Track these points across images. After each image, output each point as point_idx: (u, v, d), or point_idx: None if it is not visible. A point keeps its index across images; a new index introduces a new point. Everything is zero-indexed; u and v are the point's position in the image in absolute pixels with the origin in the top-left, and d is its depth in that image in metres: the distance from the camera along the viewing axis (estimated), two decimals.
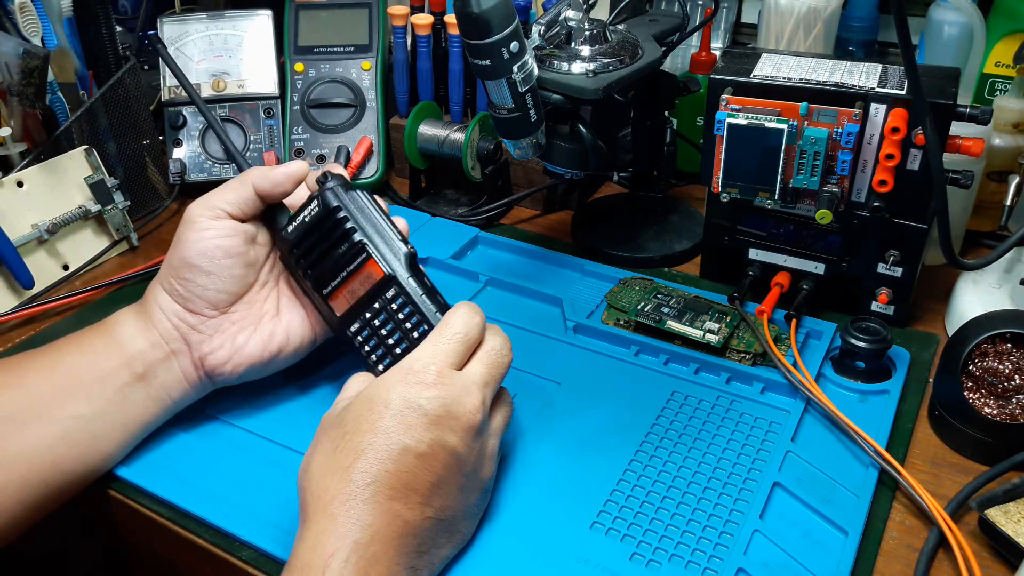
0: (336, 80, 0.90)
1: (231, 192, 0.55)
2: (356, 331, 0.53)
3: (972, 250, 0.77)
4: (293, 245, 0.55)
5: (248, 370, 0.56)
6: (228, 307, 0.56)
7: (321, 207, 0.54)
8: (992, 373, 0.55)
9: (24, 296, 0.73)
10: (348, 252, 0.53)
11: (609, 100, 0.64)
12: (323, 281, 0.54)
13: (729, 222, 0.69)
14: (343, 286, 0.54)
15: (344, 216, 0.53)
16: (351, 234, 0.53)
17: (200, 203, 0.55)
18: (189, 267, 0.54)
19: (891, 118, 0.58)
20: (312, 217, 0.54)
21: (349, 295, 0.54)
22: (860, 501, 0.51)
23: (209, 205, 0.55)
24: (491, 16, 0.55)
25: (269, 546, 0.49)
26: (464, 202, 0.87)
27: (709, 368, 0.62)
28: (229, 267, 0.55)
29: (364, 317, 0.53)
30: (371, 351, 0.53)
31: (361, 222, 0.53)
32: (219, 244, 0.54)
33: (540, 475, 0.54)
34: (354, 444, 0.44)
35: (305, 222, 0.54)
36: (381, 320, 0.53)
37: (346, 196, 0.54)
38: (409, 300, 0.52)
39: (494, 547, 0.49)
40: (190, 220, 0.55)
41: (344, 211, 0.54)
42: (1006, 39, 0.78)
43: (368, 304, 0.53)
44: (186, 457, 0.56)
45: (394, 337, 0.52)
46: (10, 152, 0.77)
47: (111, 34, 0.83)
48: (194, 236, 0.54)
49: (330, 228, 0.54)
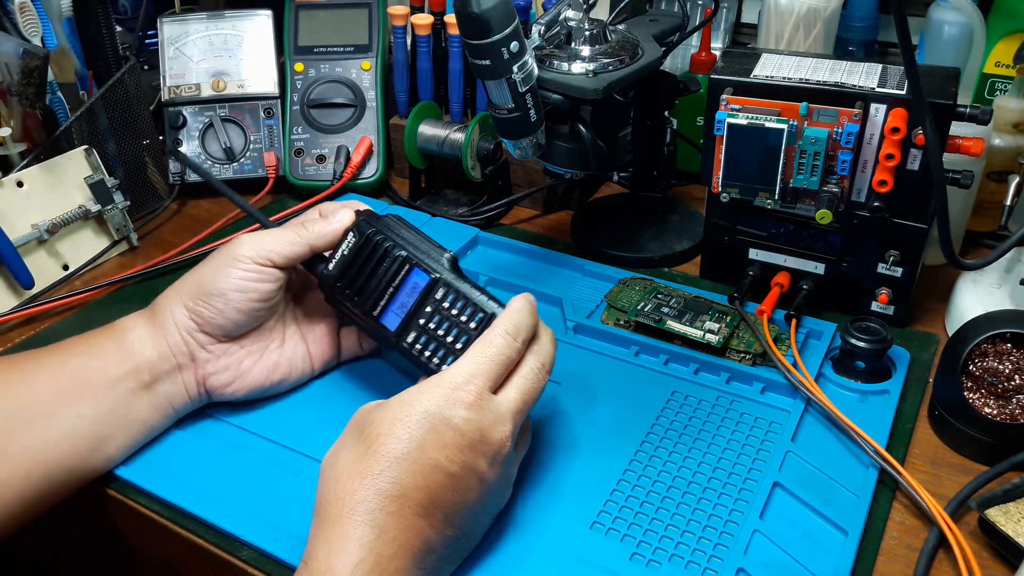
0: (336, 80, 0.90)
1: (288, 246, 0.55)
2: (413, 341, 0.54)
3: (972, 250, 0.77)
4: (336, 280, 0.56)
5: (248, 394, 0.58)
6: (241, 337, 0.57)
7: (357, 236, 0.55)
8: (992, 373, 0.55)
9: (24, 296, 0.73)
10: (391, 269, 0.54)
11: (609, 100, 0.64)
12: (372, 303, 0.55)
13: (729, 222, 0.69)
14: (392, 302, 0.54)
15: (381, 237, 0.55)
16: (392, 251, 0.54)
17: (253, 243, 0.55)
18: (221, 298, 0.54)
19: (891, 118, 0.58)
20: (351, 249, 0.55)
21: (399, 309, 0.54)
22: (860, 501, 0.51)
23: (263, 251, 0.55)
24: (491, 16, 0.55)
25: (269, 546, 0.49)
26: (464, 202, 0.87)
27: (709, 368, 0.62)
28: (257, 309, 0.56)
29: (419, 324, 0.53)
30: (431, 355, 0.53)
31: (397, 238, 0.55)
32: (257, 288, 0.55)
33: (540, 475, 0.54)
34: (386, 451, 0.44)
35: (345, 256, 0.55)
36: (436, 322, 0.53)
37: (377, 221, 0.56)
38: (459, 295, 0.53)
39: (494, 547, 0.49)
40: (237, 257, 0.54)
41: (380, 233, 0.55)
42: (1006, 39, 0.78)
43: (420, 311, 0.53)
44: (185, 457, 0.56)
45: (452, 334, 0.53)
46: (10, 152, 0.77)
47: (111, 34, 0.83)
48: (236, 274, 0.54)
49: (370, 252, 0.55)
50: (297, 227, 0.56)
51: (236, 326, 0.56)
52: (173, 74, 0.90)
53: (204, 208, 0.89)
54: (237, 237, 0.56)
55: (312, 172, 0.88)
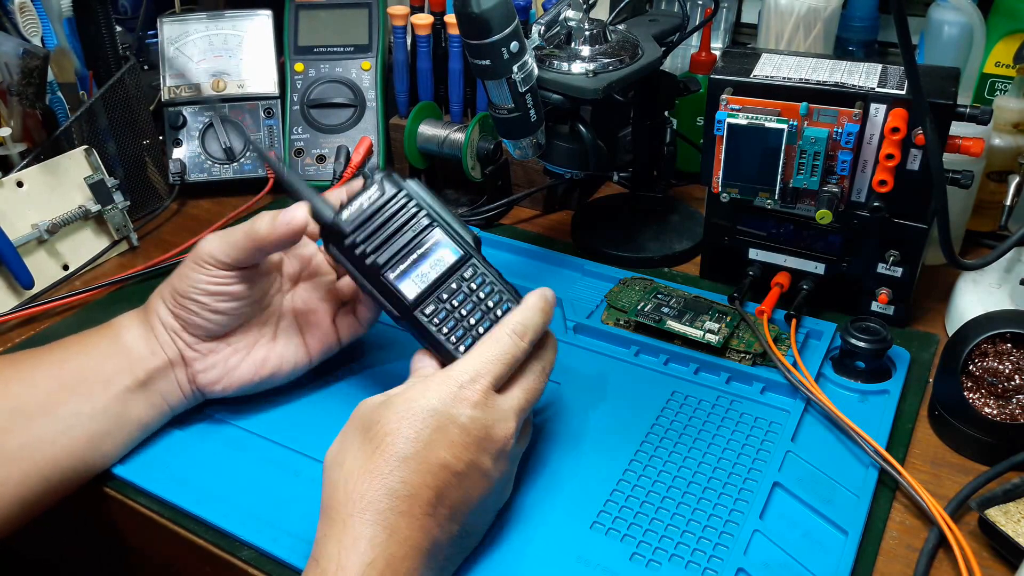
0: (336, 80, 0.90)
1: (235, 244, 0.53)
2: (431, 313, 0.51)
3: (972, 250, 0.77)
4: (351, 231, 0.52)
5: (239, 390, 0.57)
6: (224, 336, 0.56)
7: (381, 191, 0.52)
8: (992, 373, 0.55)
9: (24, 296, 0.73)
10: (418, 233, 0.52)
11: (609, 100, 0.64)
12: (391, 265, 0.51)
13: (729, 222, 0.69)
14: (412, 267, 0.52)
15: (409, 198, 0.52)
16: (418, 215, 0.52)
17: (210, 245, 0.53)
18: (194, 302, 0.54)
19: (891, 118, 0.58)
20: (372, 203, 0.52)
21: (419, 279, 0.52)
22: (860, 501, 0.51)
23: (215, 253, 0.53)
24: (491, 16, 0.55)
25: (268, 546, 0.49)
26: (464, 202, 0.87)
27: (709, 368, 0.62)
28: (234, 308, 0.55)
29: (440, 298, 0.51)
30: (449, 332, 0.51)
31: (425, 204, 0.52)
32: (226, 290, 0.54)
33: (540, 475, 0.54)
34: (395, 450, 0.44)
35: (364, 208, 0.52)
36: (460, 300, 0.51)
37: (404, 182, 0.52)
38: (488, 278, 0.52)
39: (495, 546, 0.49)
40: (197, 260, 0.53)
41: (408, 193, 0.52)
42: (1006, 39, 0.78)
43: (443, 284, 0.52)
44: (185, 456, 0.56)
45: (475, 316, 0.51)
46: (10, 152, 0.78)
47: (111, 34, 0.83)
48: (200, 278, 0.53)
49: (396, 210, 0.52)
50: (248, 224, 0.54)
51: (217, 326, 0.55)
52: (173, 74, 0.90)
53: (204, 208, 0.89)
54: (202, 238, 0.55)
55: (312, 172, 0.88)
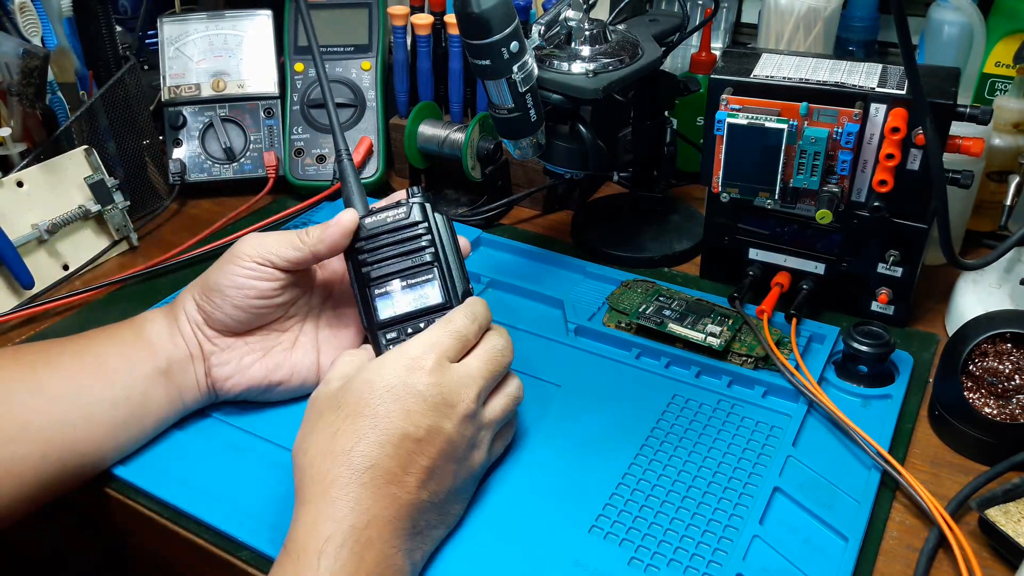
0: (336, 80, 0.90)
1: (290, 250, 0.55)
2: (391, 339, 0.54)
3: (972, 250, 0.77)
4: (363, 237, 0.55)
5: (246, 391, 0.58)
6: (246, 334, 0.57)
7: (407, 214, 0.55)
8: (992, 373, 0.55)
9: (24, 296, 0.73)
10: (415, 267, 0.54)
11: (609, 100, 0.64)
12: (380, 281, 0.55)
13: (729, 222, 0.69)
14: (397, 295, 0.54)
15: (426, 231, 0.55)
16: (425, 251, 0.54)
17: (255, 242, 0.55)
18: (220, 294, 0.55)
19: (891, 118, 0.58)
20: (394, 221, 0.55)
21: (398, 305, 0.54)
22: (861, 507, 0.51)
23: (262, 250, 0.55)
24: (491, 16, 0.55)
25: (268, 548, 0.49)
26: (464, 202, 0.87)
27: (710, 371, 0.62)
28: (258, 306, 0.56)
29: (406, 331, 0.54)
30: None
31: (439, 242, 0.55)
32: (256, 286, 0.55)
33: (539, 478, 0.54)
34: (355, 428, 0.46)
35: (386, 222, 0.55)
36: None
37: (432, 215, 0.55)
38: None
39: (492, 549, 0.49)
40: (238, 254, 0.55)
41: (427, 226, 0.55)
42: (1006, 39, 0.78)
43: (413, 320, 0.54)
44: (185, 457, 0.56)
45: None
46: (10, 152, 0.78)
47: (111, 34, 0.83)
48: (235, 271, 0.55)
49: (408, 238, 0.55)
50: (301, 232, 0.56)
51: (237, 322, 0.56)
52: (173, 74, 0.90)
53: (204, 208, 0.89)
54: (243, 236, 0.57)
55: (312, 172, 0.88)
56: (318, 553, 0.42)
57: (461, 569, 0.48)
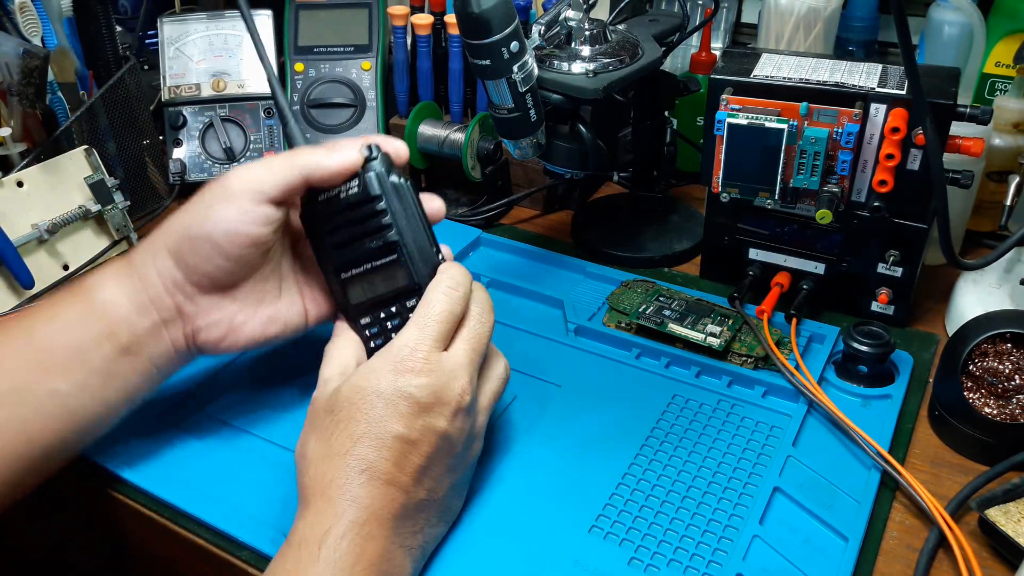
0: (336, 80, 0.90)
1: (279, 174, 0.49)
2: (366, 325, 0.52)
3: (972, 250, 0.77)
4: (321, 215, 0.51)
5: (242, 350, 0.54)
6: (232, 288, 0.52)
7: (361, 190, 0.50)
8: (992, 373, 0.55)
9: (24, 296, 0.73)
10: (378, 247, 0.50)
11: (609, 100, 0.64)
12: (345, 266, 0.51)
13: (729, 222, 0.69)
14: (365, 278, 0.51)
15: (383, 209, 0.50)
16: (386, 231, 0.50)
17: (243, 178, 0.49)
18: (210, 242, 0.49)
19: (891, 118, 0.58)
20: (349, 196, 0.50)
21: (367, 288, 0.51)
22: (861, 507, 0.51)
23: (254, 185, 0.49)
24: (491, 16, 0.55)
25: (268, 548, 0.49)
26: (464, 202, 0.87)
27: (710, 372, 0.62)
28: (250, 255, 0.50)
29: (379, 316, 0.51)
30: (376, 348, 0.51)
31: (399, 220, 0.50)
32: (251, 232, 0.49)
33: (539, 478, 0.54)
34: (349, 432, 0.46)
35: (340, 199, 0.50)
36: (395, 324, 0.51)
37: (390, 185, 0.50)
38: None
39: (492, 549, 0.49)
40: (229, 194, 0.49)
41: (384, 203, 0.50)
42: (1006, 39, 0.78)
43: (385, 305, 0.51)
44: (186, 458, 0.56)
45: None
46: (10, 152, 0.77)
47: (111, 34, 0.83)
48: (227, 215, 0.49)
49: (366, 216, 0.50)
50: (291, 154, 0.50)
51: (227, 275, 0.51)
52: (173, 74, 0.90)
53: None
54: (224, 174, 0.50)
55: None
56: (319, 543, 0.42)
57: (461, 569, 0.48)
